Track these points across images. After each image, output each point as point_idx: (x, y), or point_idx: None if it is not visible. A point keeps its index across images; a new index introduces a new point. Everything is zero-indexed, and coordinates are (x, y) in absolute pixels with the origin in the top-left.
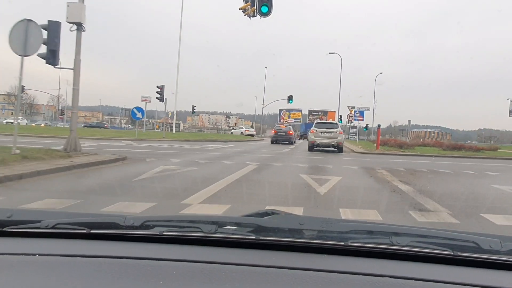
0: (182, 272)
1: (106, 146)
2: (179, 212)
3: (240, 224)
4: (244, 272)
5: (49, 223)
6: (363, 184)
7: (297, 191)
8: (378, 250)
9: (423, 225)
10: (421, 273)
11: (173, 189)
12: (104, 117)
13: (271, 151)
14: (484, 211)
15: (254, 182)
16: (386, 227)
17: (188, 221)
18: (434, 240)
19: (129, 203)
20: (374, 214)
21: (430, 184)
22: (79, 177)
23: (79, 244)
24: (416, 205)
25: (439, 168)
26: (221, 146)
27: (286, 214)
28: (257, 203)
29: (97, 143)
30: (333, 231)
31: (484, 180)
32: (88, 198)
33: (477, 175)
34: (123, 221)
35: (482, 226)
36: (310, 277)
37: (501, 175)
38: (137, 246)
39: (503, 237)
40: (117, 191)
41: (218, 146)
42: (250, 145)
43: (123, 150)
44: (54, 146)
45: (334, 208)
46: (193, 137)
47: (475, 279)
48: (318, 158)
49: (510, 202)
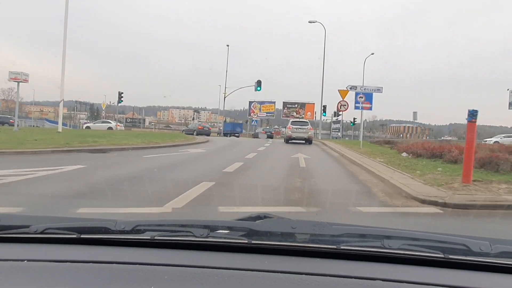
0: (173, 276)
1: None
2: None
3: (232, 228)
4: (236, 277)
5: (38, 228)
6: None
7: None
8: (370, 254)
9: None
10: (413, 276)
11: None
12: (68, 112)
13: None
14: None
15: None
16: (378, 230)
17: (179, 225)
18: (425, 243)
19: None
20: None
21: None
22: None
23: (69, 249)
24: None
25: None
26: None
27: (278, 218)
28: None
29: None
30: (325, 234)
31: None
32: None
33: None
34: (114, 226)
35: None
36: (302, 281)
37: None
38: (128, 250)
39: (493, 240)
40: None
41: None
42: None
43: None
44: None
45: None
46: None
47: (466, 282)
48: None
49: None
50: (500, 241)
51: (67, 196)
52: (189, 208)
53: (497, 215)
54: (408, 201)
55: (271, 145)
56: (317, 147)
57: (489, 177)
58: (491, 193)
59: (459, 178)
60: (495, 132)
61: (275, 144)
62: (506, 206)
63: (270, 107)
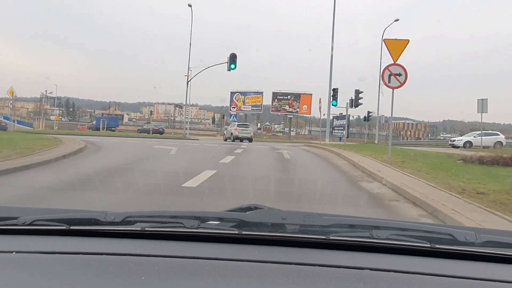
0: (164, 267)
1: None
2: None
3: (222, 219)
4: (227, 267)
5: (26, 219)
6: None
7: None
8: (359, 244)
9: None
10: (400, 265)
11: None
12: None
13: None
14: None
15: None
16: (366, 220)
17: (170, 217)
18: (412, 233)
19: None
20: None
21: None
22: None
23: (58, 240)
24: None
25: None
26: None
27: (269, 208)
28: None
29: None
30: (315, 225)
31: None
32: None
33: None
34: (104, 217)
35: None
36: (292, 271)
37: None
38: (118, 242)
39: (477, 229)
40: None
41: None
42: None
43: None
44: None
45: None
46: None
47: (451, 270)
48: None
49: None
50: (485, 230)
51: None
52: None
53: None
54: None
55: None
56: (328, 165)
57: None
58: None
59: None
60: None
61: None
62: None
63: (257, 99)
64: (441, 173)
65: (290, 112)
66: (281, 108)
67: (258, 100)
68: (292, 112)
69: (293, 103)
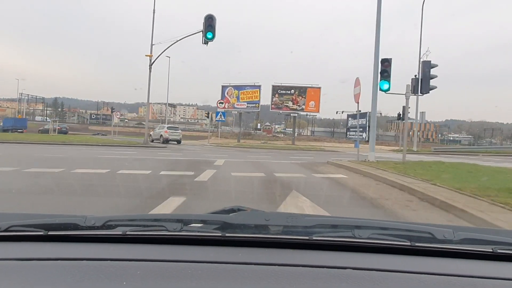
0: (146, 272)
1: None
2: None
3: (206, 222)
4: (210, 270)
5: (1, 225)
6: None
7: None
8: (341, 243)
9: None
10: (382, 263)
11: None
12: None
13: None
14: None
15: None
16: (349, 220)
17: (152, 220)
18: (393, 232)
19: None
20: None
21: None
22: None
23: (36, 246)
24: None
25: None
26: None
27: (252, 210)
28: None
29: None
30: (298, 226)
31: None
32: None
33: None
34: (84, 222)
35: None
36: (275, 272)
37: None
38: (99, 247)
39: (455, 227)
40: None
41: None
42: None
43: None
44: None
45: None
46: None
47: (431, 268)
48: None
49: None
50: (462, 228)
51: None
52: None
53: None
54: None
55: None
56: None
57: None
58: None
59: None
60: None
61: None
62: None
63: (253, 94)
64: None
65: (294, 110)
66: (283, 105)
67: (255, 96)
68: (297, 109)
69: (298, 99)
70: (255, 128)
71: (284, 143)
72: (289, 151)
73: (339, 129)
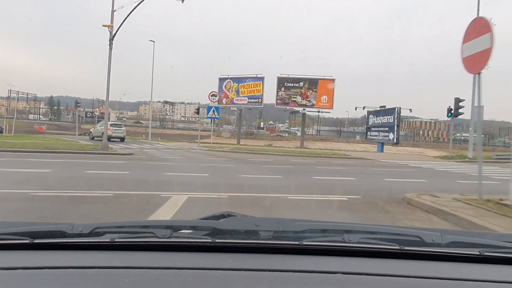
0: (135, 279)
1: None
2: None
3: (195, 228)
4: (200, 276)
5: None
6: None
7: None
8: (331, 248)
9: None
10: (371, 268)
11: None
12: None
13: None
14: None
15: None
16: (338, 225)
17: (141, 226)
18: (382, 236)
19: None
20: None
21: None
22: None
23: (21, 255)
24: None
25: None
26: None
27: (242, 216)
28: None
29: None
30: (288, 231)
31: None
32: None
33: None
34: (71, 229)
35: None
36: (266, 278)
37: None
38: (87, 254)
39: (443, 231)
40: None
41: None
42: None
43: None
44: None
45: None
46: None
47: (420, 271)
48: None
49: None
50: (450, 231)
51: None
52: None
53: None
54: None
55: None
56: None
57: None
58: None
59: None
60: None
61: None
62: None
63: (256, 87)
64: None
65: (303, 105)
66: (290, 100)
67: (257, 89)
68: (306, 105)
69: (308, 93)
70: (258, 127)
71: (291, 144)
72: (302, 158)
73: (346, 128)
